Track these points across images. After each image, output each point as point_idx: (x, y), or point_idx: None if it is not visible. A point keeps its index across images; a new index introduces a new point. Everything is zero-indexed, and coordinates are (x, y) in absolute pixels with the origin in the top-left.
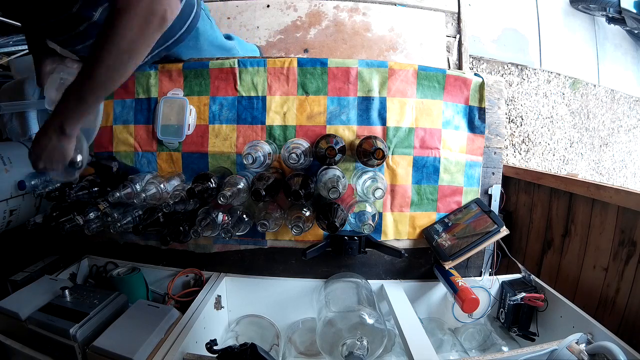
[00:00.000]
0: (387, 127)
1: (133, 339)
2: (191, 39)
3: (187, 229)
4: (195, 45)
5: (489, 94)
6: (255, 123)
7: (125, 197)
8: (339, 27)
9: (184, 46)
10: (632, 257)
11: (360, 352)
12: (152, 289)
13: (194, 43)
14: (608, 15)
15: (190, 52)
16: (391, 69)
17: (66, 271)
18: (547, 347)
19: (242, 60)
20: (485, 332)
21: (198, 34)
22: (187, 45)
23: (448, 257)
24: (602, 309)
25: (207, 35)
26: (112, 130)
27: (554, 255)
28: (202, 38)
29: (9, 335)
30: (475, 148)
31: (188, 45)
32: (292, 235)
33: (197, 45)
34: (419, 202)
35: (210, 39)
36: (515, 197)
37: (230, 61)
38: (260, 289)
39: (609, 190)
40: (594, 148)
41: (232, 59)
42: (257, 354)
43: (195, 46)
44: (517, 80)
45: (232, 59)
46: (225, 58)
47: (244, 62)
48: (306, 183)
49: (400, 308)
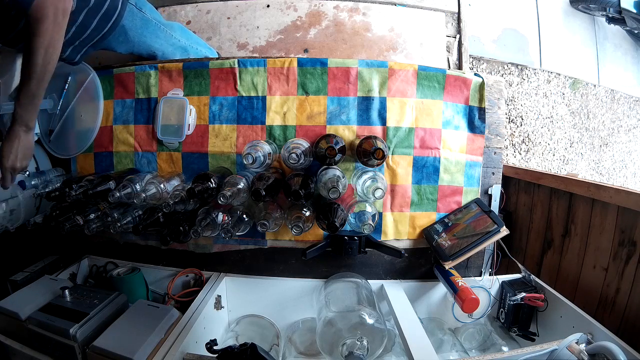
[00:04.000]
0: (387, 127)
1: (133, 339)
2: (120, 35)
3: (187, 229)
4: (126, 39)
5: (489, 94)
6: (255, 123)
7: (125, 197)
8: (339, 27)
9: (114, 41)
10: (632, 257)
11: (360, 352)
12: (152, 289)
13: (123, 38)
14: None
15: (122, 45)
16: (391, 69)
17: (66, 271)
18: (547, 347)
19: (242, 60)
20: (485, 332)
21: (125, 30)
22: (116, 40)
23: (448, 257)
24: (602, 309)
25: (136, 31)
26: (112, 130)
27: (554, 255)
28: (132, 33)
29: (9, 335)
30: (475, 148)
31: (118, 40)
32: (292, 235)
33: (127, 39)
34: (419, 202)
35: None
36: (515, 197)
37: (230, 61)
38: (260, 289)
39: (609, 190)
40: (594, 148)
41: (232, 59)
42: (257, 354)
43: (126, 40)
44: (517, 80)
45: (232, 58)
46: (225, 58)
47: (244, 62)
48: (306, 183)
49: (400, 308)
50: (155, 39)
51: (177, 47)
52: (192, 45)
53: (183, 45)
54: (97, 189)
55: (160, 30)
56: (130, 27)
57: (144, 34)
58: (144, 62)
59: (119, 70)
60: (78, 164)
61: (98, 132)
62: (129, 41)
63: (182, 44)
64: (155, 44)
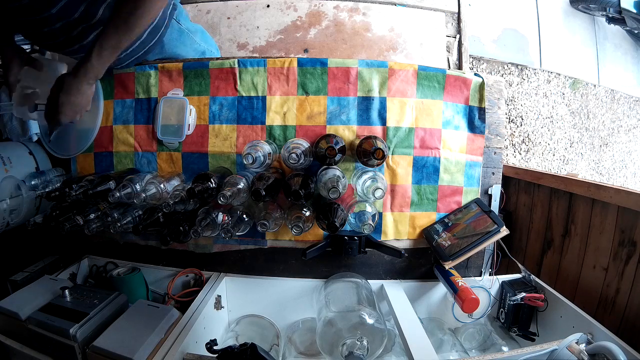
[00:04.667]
0: (387, 127)
1: (133, 339)
2: (157, 47)
3: (187, 229)
4: (161, 51)
5: (489, 94)
6: (255, 123)
7: (125, 197)
8: (339, 27)
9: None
10: (632, 257)
11: (360, 352)
12: (152, 289)
13: (159, 50)
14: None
15: (156, 56)
16: (391, 69)
17: (66, 271)
18: (547, 347)
19: (242, 60)
20: (485, 332)
21: (163, 43)
22: (152, 52)
23: (448, 257)
24: (602, 309)
25: (171, 43)
26: (112, 130)
27: (554, 255)
28: (167, 45)
29: (9, 335)
30: (475, 148)
31: (154, 52)
32: (292, 235)
33: (162, 50)
34: (419, 202)
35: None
36: (515, 197)
37: (230, 61)
38: (260, 289)
39: (609, 190)
40: (594, 148)
41: (232, 59)
42: (257, 354)
43: (161, 51)
44: (517, 80)
45: (232, 58)
46: (225, 58)
47: (244, 62)
48: (306, 183)
49: (400, 308)
50: (183, 47)
51: (197, 52)
52: (209, 48)
53: (202, 49)
54: (97, 189)
55: (188, 37)
56: (168, 39)
57: (177, 45)
58: (144, 62)
59: (118, 70)
60: (78, 164)
61: (98, 132)
62: (163, 52)
63: (202, 48)
64: (182, 52)
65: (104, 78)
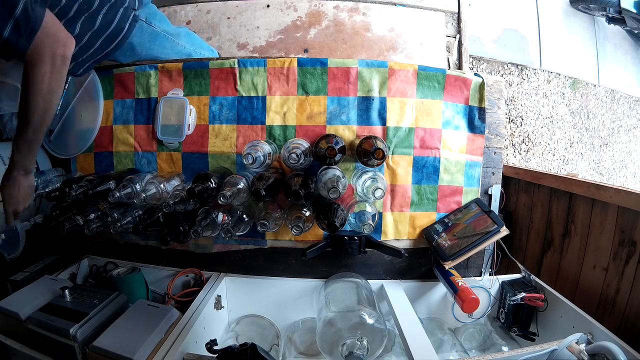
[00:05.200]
0: (387, 127)
1: (133, 339)
2: (127, 50)
3: (187, 229)
4: (133, 53)
5: (489, 94)
6: (255, 123)
7: (126, 197)
8: (339, 27)
9: (120, 55)
10: (632, 257)
11: (360, 352)
12: (152, 289)
13: (130, 52)
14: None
15: (128, 58)
16: (391, 69)
17: (66, 271)
18: (547, 347)
19: (242, 60)
20: (485, 332)
21: (133, 46)
22: (123, 54)
23: (448, 257)
24: (602, 309)
25: (143, 45)
26: (112, 130)
27: (554, 255)
28: (139, 48)
29: (9, 335)
30: (475, 148)
31: (125, 54)
32: (292, 235)
33: (134, 53)
34: (419, 202)
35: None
36: (515, 197)
37: (230, 61)
38: (260, 289)
39: (609, 190)
40: (594, 148)
41: (232, 59)
42: (257, 354)
43: (133, 54)
44: (517, 80)
45: (232, 58)
46: (225, 58)
47: (244, 62)
48: (306, 183)
49: (400, 308)
50: (162, 50)
51: (182, 54)
52: (196, 50)
53: (188, 51)
54: (97, 189)
55: (168, 40)
56: (139, 42)
57: (152, 47)
58: (144, 62)
59: (119, 70)
60: (78, 164)
61: (98, 132)
62: (136, 54)
63: (187, 50)
64: (161, 54)
65: (103, 78)
